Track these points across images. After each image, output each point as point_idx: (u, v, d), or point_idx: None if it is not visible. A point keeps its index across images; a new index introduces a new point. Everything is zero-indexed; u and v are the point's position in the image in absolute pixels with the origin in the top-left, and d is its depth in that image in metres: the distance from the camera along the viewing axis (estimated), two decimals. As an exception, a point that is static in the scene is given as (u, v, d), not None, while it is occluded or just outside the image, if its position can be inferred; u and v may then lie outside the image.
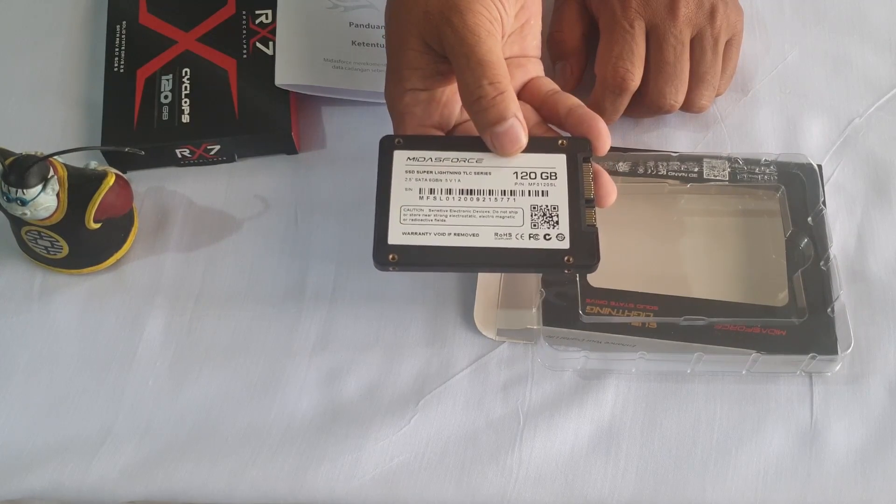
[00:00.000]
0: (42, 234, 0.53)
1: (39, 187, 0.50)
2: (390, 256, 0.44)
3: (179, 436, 0.51)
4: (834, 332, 0.51)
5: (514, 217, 0.45)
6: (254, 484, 0.50)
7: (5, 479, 0.50)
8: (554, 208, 0.45)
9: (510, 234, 0.45)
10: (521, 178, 0.46)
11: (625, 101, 0.56)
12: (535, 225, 0.45)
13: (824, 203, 0.54)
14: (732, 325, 0.51)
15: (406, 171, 0.46)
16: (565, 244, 0.45)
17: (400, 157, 0.47)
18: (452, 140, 0.49)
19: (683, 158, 0.56)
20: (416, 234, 0.45)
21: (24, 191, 0.49)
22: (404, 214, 0.45)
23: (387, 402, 0.52)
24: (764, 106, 0.60)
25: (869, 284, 0.54)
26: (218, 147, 0.58)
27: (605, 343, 0.52)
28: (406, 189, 0.46)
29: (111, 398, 0.52)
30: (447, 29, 0.45)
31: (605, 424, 0.51)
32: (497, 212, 0.45)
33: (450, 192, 0.46)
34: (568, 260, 0.44)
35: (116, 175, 0.53)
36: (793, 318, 0.51)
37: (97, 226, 0.53)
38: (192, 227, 0.57)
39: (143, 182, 0.59)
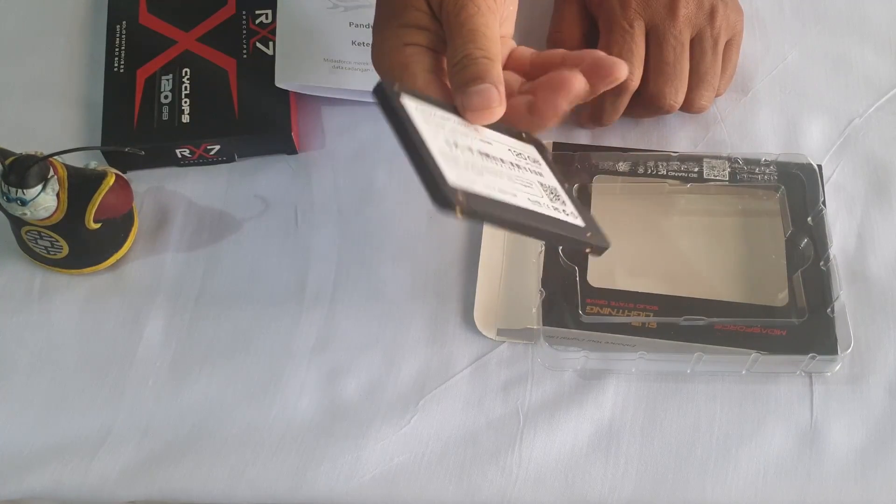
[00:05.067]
0: (42, 234, 0.53)
1: (39, 187, 0.50)
2: (458, 196, 0.36)
3: (179, 436, 0.51)
4: (834, 332, 0.51)
5: (531, 187, 0.42)
6: (254, 484, 0.50)
7: (5, 479, 0.50)
8: (554, 189, 0.43)
9: (539, 203, 0.41)
10: (517, 155, 0.43)
11: (624, 101, 0.56)
12: (551, 199, 0.42)
13: (824, 203, 0.54)
14: (732, 325, 0.51)
15: (425, 120, 0.39)
16: (580, 222, 0.42)
17: (410, 104, 0.40)
18: (448, 104, 0.44)
19: (683, 158, 0.56)
20: (468, 180, 0.38)
21: (24, 191, 0.49)
22: (447, 160, 0.38)
23: (387, 402, 0.52)
24: (764, 106, 0.60)
25: (869, 284, 0.54)
26: (218, 147, 0.58)
27: (605, 343, 0.52)
28: (434, 136, 0.39)
29: (111, 398, 0.52)
30: None
31: (605, 424, 0.51)
32: (517, 179, 0.41)
33: (470, 150, 0.40)
34: (588, 236, 0.42)
35: (116, 175, 0.53)
36: (793, 318, 0.51)
37: (97, 226, 0.53)
38: (192, 227, 0.57)
39: (143, 182, 0.59)
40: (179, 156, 0.59)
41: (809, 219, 0.54)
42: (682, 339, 0.51)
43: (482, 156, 0.41)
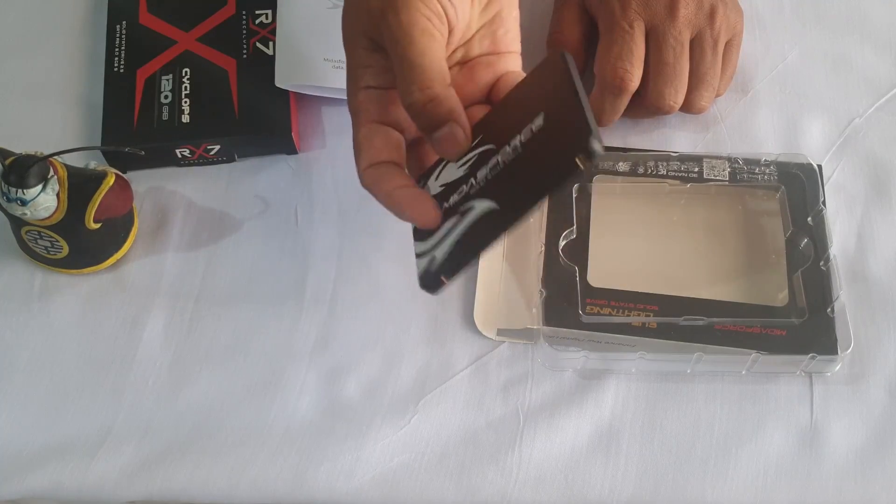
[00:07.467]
0: (42, 234, 0.53)
1: (39, 187, 0.50)
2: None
3: (179, 436, 0.51)
4: (834, 332, 0.51)
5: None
6: (254, 484, 0.50)
7: (5, 479, 0.50)
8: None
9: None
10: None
11: (624, 102, 0.56)
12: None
13: (824, 203, 0.54)
14: (732, 325, 0.51)
15: None
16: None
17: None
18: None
19: (683, 158, 0.56)
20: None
21: (24, 191, 0.49)
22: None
23: (387, 402, 0.52)
24: (764, 106, 0.60)
25: (869, 284, 0.54)
26: (218, 147, 0.58)
27: (605, 343, 0.52)
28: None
29: (111, 398, 0.52)
30: (384, 27, 0.44)
31: (605, 424, 0.51)
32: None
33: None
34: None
35: (116, 175, 0.53)
36: (793, 318, 0.51)
37: (97, 226, 0.53)
38: (192, 227, 0.57)
39: (143, 182, 0.59)
40: (179, 156, 0.59)
41: (809, 219, 0.54)
42: (682, 339, 0.51)
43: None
